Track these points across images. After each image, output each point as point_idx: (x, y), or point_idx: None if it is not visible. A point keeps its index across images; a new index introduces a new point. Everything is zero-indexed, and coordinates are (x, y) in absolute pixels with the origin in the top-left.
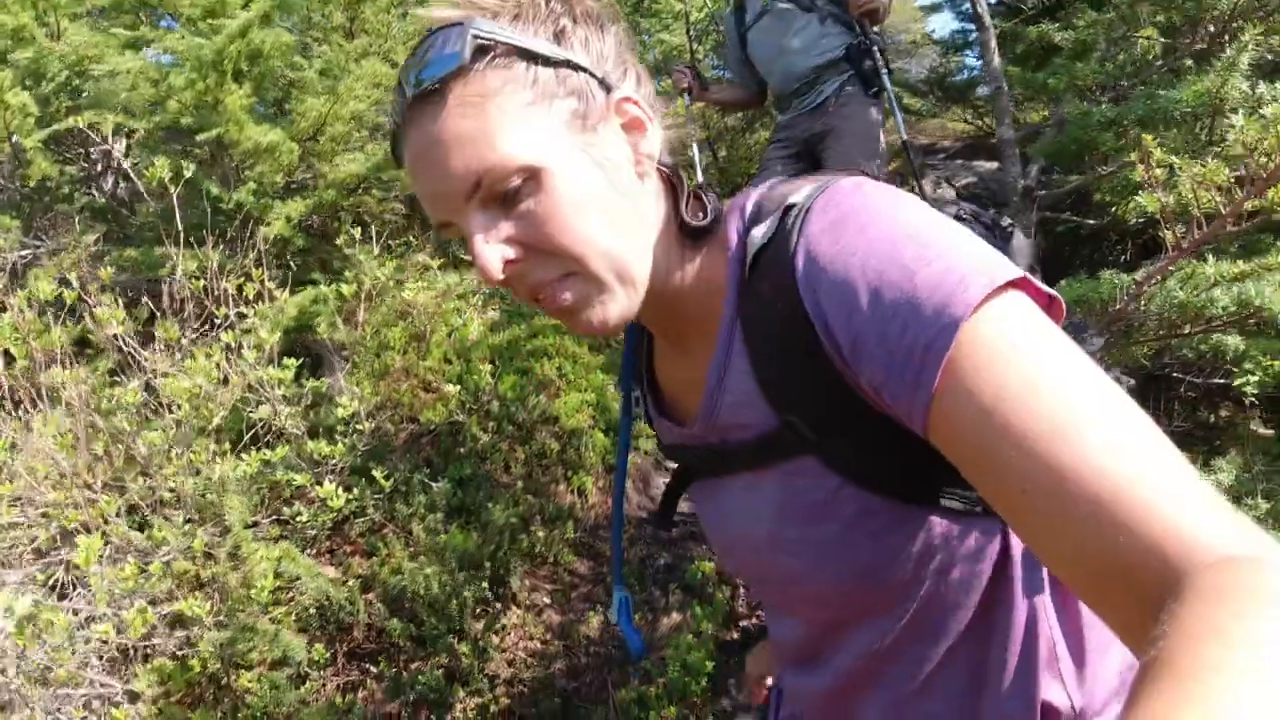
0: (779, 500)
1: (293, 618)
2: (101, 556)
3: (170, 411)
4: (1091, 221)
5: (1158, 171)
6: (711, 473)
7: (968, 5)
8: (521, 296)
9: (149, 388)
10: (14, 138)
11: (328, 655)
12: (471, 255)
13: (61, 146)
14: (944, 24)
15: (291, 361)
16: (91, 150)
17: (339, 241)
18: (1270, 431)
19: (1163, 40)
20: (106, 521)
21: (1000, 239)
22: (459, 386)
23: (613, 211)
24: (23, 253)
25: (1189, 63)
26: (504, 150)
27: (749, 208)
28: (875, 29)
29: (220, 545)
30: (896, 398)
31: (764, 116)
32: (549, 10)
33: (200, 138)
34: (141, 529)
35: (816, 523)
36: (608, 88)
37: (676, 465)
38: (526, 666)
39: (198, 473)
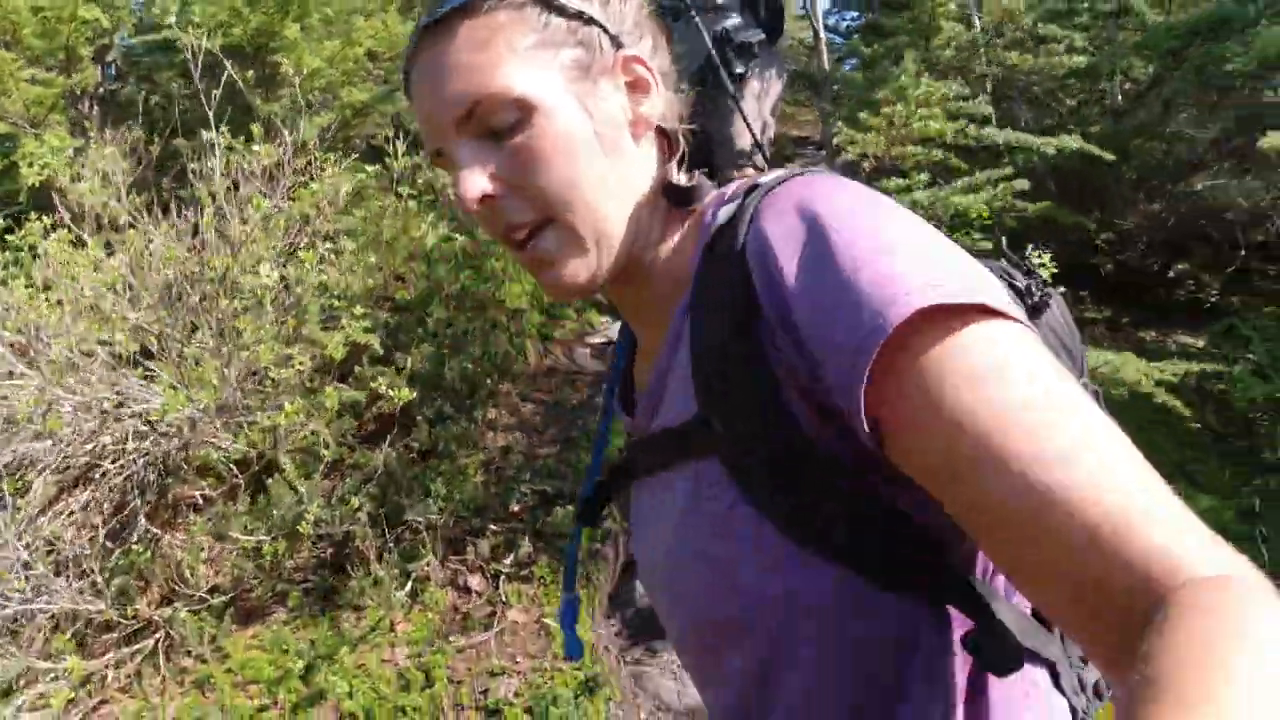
0: (685, 504)
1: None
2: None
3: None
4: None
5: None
6: (646, 470)
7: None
8: (495, 234)
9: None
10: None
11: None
12: (454, 183)
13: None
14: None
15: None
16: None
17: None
18: None
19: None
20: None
21: (1029, 308)
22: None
23: (599, 166)
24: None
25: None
26: (501, 82)
27: (728, 191)
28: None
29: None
30: (839, 390)
31: None
32: None
33: (273, 59)
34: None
35: (710, 536)
36: (618, 44)
37: (617, 463)
38: (507, 446)
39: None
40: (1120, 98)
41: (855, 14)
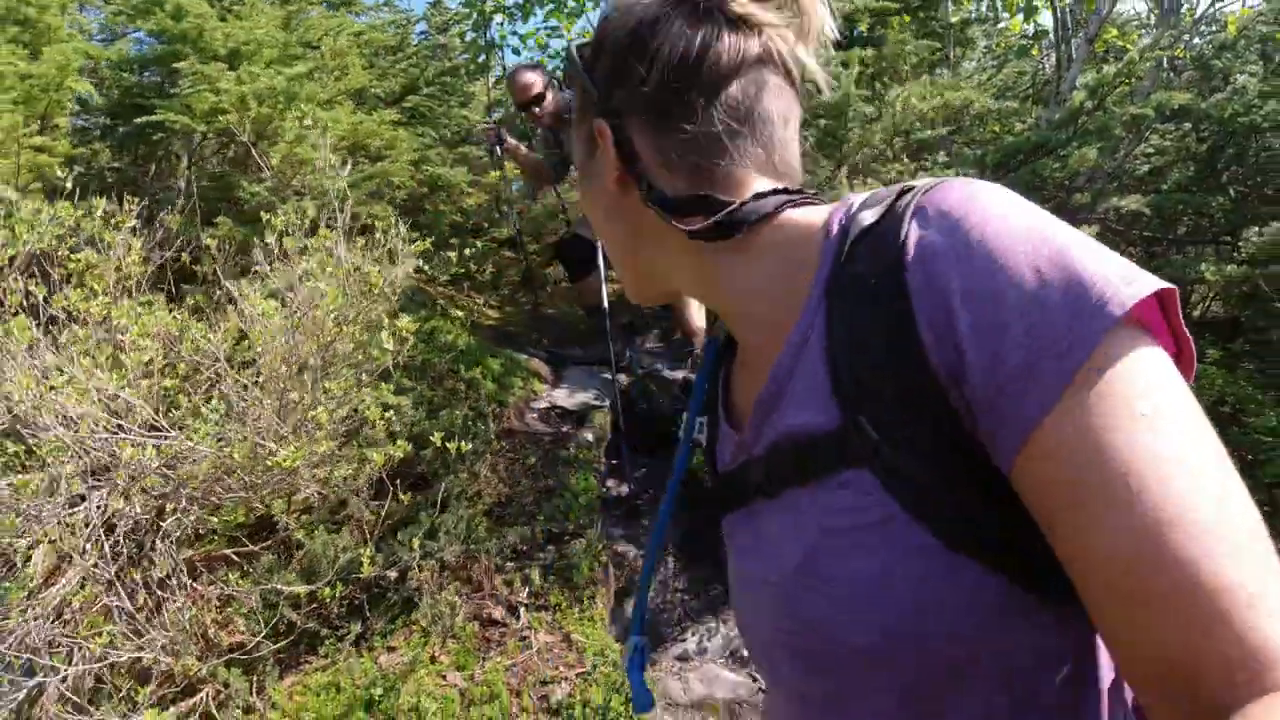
0: (818, 522)
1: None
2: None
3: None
4: None
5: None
6: (761, 493)
7: None
8: None
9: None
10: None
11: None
12: None
13: None
14: None
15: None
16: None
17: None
18: None
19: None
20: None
21: None
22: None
23: (599, 215)
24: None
25: None
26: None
27: (856, 202)
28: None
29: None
30: (999, 401)
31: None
32: None
33: (273, 150)
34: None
35: (857, 554)
36: (597, 110)
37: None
38: (509, 495)
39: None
40: None
41: None
